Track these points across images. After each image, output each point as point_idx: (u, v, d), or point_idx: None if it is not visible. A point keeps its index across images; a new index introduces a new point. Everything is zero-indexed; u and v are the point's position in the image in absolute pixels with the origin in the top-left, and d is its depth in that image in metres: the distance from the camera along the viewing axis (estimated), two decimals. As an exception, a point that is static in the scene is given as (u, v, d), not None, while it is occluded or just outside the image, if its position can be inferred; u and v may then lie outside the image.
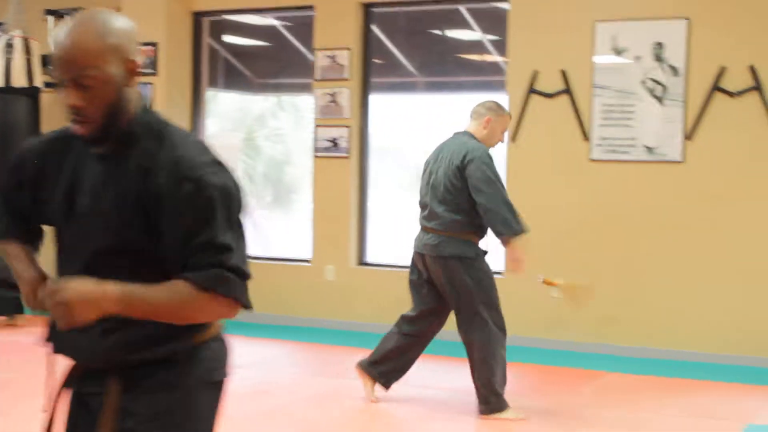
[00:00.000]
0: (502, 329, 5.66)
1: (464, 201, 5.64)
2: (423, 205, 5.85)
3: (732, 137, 7.24)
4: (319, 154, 8.52)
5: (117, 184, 2.29)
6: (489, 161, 5.61)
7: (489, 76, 8.48)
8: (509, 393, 5.70)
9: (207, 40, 9.18)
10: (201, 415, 2.42)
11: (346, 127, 8.40)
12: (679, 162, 7.37)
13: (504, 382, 5.67)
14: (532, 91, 7.73)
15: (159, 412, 2.34)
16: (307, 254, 8.65)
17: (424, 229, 5.81)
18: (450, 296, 5.69)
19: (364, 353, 7.48)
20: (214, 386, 2.45)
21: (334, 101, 8.42)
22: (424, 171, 5.88)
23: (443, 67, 8.78)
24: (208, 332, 2.42)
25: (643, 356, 7.43)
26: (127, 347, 2.32)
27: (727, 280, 7.28)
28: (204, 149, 2.33)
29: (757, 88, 7.14)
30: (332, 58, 8.43)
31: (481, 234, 5.73)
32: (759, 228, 7.20)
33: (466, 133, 5.76)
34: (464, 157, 5.59)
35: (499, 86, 8.03)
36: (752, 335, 7.21)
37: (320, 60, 8.48)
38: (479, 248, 5.74)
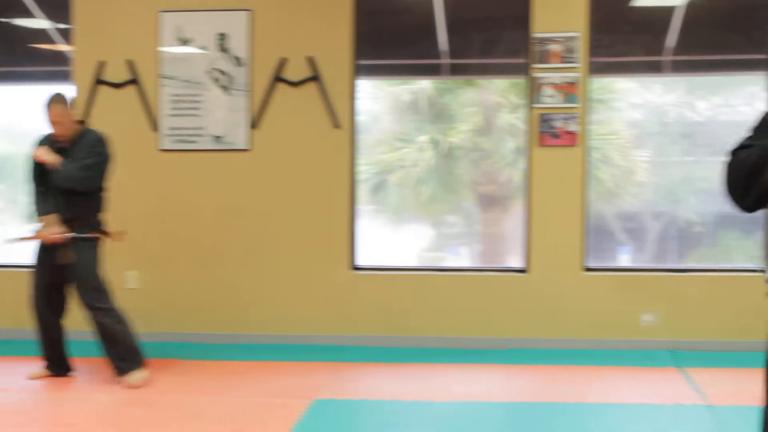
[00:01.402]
0: (32, 307, 6.25)
1: None
2: None
3: (294, 125, 7.53)
4: None
5: None
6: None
7: (57, 66, 8.22)
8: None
9: None
10: None
11: None
12: (245, 150, 7.56)
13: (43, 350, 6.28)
14: (99, 81, 7.61)
15: None
16: None
17: None
18: None
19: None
20: None
21: None
22: None
23: (11, 56, 8.41)
24: None
25: (221, 342, 7.58)
26: None
27: (294, 261, 7.57)
28: None
29: (316, 77, 7.48)
30: None
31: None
32: (321, 209, 7.55)
33: None
34: None
35: (66, 76, 7.83)
36: (317, 313, 7.57)
37: None
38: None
